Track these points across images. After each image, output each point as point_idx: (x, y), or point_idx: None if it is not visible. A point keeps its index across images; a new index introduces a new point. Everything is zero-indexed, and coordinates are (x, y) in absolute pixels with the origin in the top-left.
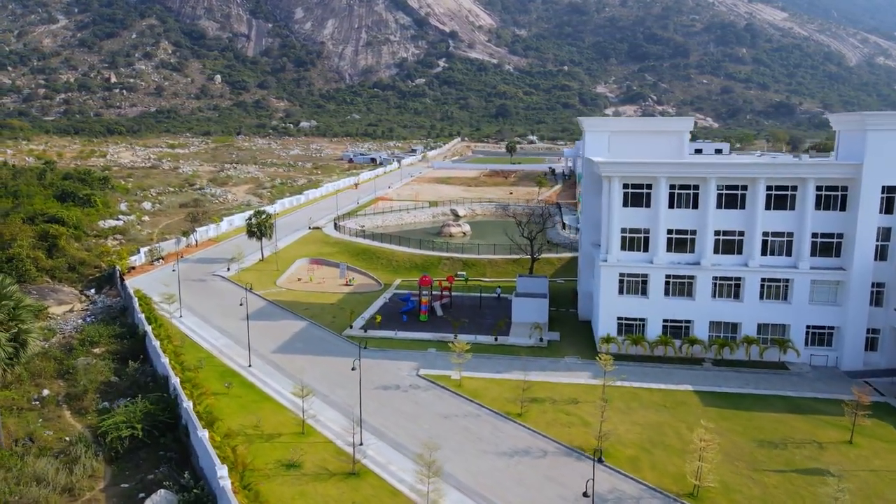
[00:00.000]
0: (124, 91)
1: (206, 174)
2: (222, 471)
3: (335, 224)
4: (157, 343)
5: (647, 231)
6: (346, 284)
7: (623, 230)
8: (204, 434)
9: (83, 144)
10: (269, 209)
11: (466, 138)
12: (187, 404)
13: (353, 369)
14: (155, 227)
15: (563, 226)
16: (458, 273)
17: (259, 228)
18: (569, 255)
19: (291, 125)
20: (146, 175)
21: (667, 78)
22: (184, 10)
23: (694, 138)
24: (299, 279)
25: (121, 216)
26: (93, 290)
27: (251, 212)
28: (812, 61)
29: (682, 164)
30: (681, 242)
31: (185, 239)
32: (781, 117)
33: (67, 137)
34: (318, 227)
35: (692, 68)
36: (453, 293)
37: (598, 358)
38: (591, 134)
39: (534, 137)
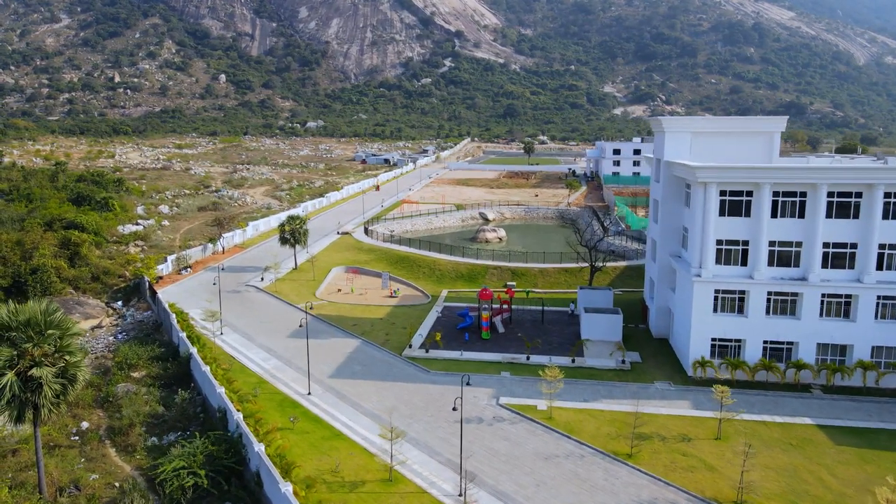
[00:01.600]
0: (128, 91)
1: (219, 175)
2: None
3: (365, 229)
4: (206, 369)
5: (745, 243)
6: (391, 296)
7: (719, 242)
8: (288, 489)
9: (90, 145)
10: (298, 213)
11: (476, 138)
12: (259, 447)
13: (454, 409)
14: (175, 232)
15: (606, 232)
16: (507, 283)
17: (293, 235)
18: (624, 263)
19: (298, 125)
20: (158, 177)
21: (675, 78)
22: (187, 9)
23: None
24: (339, 290)
25: (140, 221)
26: (119, 303)
27: (279, 216)
28: (821, 61)
29: (790, 169)
30: (784, 256)
31: (211, 245)
32: (792, 117)
33: (73, 138)
34: (347, 233)
35: (700, 68)
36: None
37: (714, 388)
38: (670, 134)
39: (545, 138)
